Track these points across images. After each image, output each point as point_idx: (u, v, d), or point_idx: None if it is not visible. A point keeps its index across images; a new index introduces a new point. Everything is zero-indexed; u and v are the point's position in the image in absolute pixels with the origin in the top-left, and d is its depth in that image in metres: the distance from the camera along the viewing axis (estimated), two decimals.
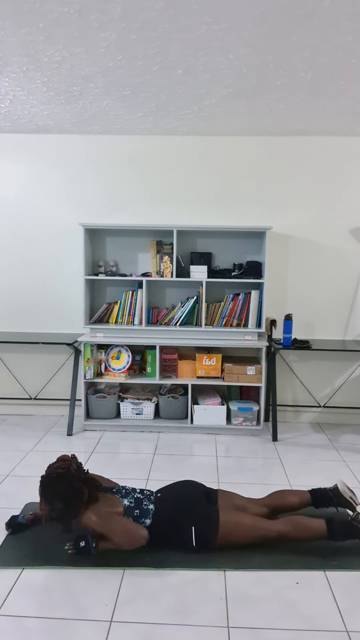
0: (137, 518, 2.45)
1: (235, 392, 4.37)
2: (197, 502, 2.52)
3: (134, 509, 2.48)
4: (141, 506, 2.50)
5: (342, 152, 4.25)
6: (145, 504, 2.51)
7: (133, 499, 2.52)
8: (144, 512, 2.47)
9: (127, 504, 2.49)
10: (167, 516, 2.47)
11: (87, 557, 2.38)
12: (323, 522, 2.45)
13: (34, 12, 2.30)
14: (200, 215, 4.35)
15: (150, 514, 2.47)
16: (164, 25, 2.40)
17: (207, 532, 2.41)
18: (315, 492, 2.70)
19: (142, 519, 2.45)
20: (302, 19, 2.32)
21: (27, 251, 4.46)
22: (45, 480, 2.44)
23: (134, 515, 2.45)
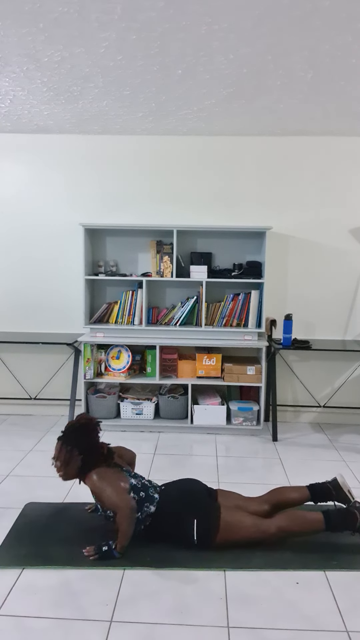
0: (142, 501, 2.47)
1: (235, 392, 4.37)
2: (200, 497, 2.54)
3: (140, 489, 2.50)
4: (147, 491, 2.51)
5: (342, 152, 4.25)
6: (152, 492, 2.53)
7: (140, 482, 2.55)
8: (150, 498, 2.49)
9: (134, 482, 2.52)
10: (170, 509, 2.49)
11: (111, 560, 2.37)
12: (320, 513, 2.46)
13: (34, 12, 2.30)
14: (200, 215, 4.35)
15: (155, 502, 2.49)
16: (164, 25, 2.40)
17: (208, 527, 2.42)
18: (314, 487, 2.70)
19: (146, 504, 2.47)
20: (302, 19, 2.32)
21: (27, 251, 4.46)
22: (69, 429, 2.50)
23: (139, 495, 2.47)
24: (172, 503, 2.51)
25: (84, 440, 2.50)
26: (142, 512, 2.46)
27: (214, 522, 2.43)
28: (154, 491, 2.55)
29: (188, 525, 2.43)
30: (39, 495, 3.05)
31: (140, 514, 2.45)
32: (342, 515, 2.46)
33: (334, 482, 2.68)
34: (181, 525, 2.45)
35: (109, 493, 2.40)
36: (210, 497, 2.57)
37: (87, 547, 2.42)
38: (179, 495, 2.54)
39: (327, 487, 2.66)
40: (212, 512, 2.46)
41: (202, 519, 2.44)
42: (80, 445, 2.48)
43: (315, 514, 2.47)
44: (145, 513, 2.47)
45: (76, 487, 3.16)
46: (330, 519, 2.45)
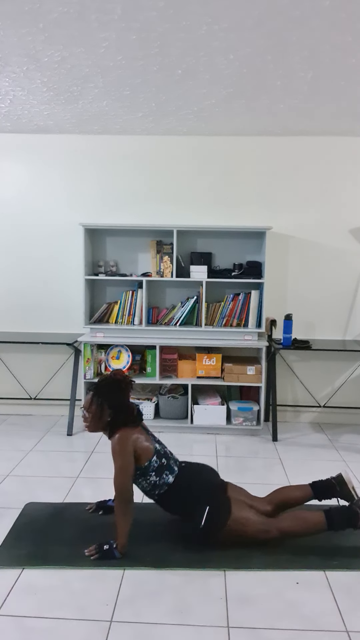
0: (162, 468, 2.48)
1: (235, 392, 4.37)
2: (216, 486, 2.56)
3: (162, 456, 2.51)
4: (169, 461, 2.53)
5: (342, 152, 4.25)
6: (172, 463, 2.54)
7: (163, 450, 2.57)
8: (170, 467, 2.51)
9: (159, 448, 2.54)
10: (186, 487, 2.50)
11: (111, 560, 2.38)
12: (322, 514, 2.46)
13: (34, 12, 2.30)
14: (200, 215, 4.35)
15: (174, 474, 2.50)
16: (164, 25, 2.40)
17: (218, 517, 2.42)
18: (317, 484, 2.69)
19: (165, 472, 2.48)
20: (302, 19, 2.32)
21: (27, 251, 4.46)
22: (102, 382, 2.50)
23: (160, 461, 2.48)
24: (190, 483, 2.52)
25: (116, 396, 2.48)
26: (160, 479, 2.47)
27: (224, 514, 2.43)
28: (174, 464, 2.56)
29: (199, 510, 2.43)
30: (39, 495, 3.05)
31: (158, 479, 2.46)
32: (344, 514, 2.46)
33: (339, 477, 2.66)
34: (192, 508, 2.45)
35: (117, 468, 2.39)
36: (222, 490, 2.57)
37: (90, 547, 2.42)
38: (198, 479, 2.55)
39: (331, 483, 2.64)
40: (224, 504, 2.46)
41: (214, 509, 2.44)
42: (111, 400, 2.46)
43: (317, 514, 2.46)
44: (163, 480, 2.47)
45: (76, 487, 3.16)
46: (332, 518, 2.44)
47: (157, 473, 2.47)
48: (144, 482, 2.49)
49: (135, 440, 2.45)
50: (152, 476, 2.47)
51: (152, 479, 2.47)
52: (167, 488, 2.49)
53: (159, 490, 2.49)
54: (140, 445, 2.46)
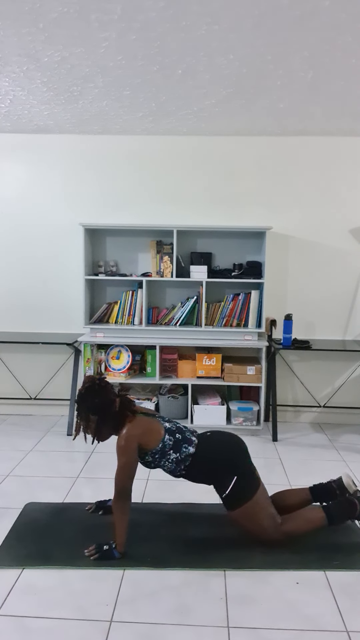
0: (179, 442, 2.47)
1: (235, 392, 4.37)
2: (247, 461, 2.53)
3: (175, 432, 2.50)
4: (184, 434, 2.51)
5: (342, 152, 4.25)
6: (189, 435, 2.53)
7: (175, 426, 2.55)
8: (187, 439, 2.49)
9: (169, 426, 2.52)
10: (211, 454, 2.49)
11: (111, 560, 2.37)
12: (321, 510, 2.48)
13: (34, 12, 2.30)
14: (200, 215, 4.35)
15: (193, 444, 2.48)
16: (164, 25, 2.40)
17: (243, 492, 2.42)
18: (316, 488, 2.69)
19: (184, 445, 2.47)
20: (302, 19, 2.32)
21: (27, 251, 4.46)
22: (77, 399, 2.51)
23: (175, 437, 2.47)
24: (215, 450, 2.51)
25: (95, 402, 2.46)
26: (181, 453, 2.46)
27: (249, 490, 2.43)
28: (191, 435, 2.55)
29: (226, 478, 2.43)
30: (39, 495, 3.05)
31: (178, 454, 2.45)
32: (341, 507, 2.47)
33: (339, 481, 2.66)
34: (219, 475, 2.45)
35: (120, 465, 2.39)
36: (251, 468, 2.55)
37: (89, 547, 2.42)
38: (225, 448, 2.53)
39: (331, 487, 2.65)
40: (251, 480, 2.46)
41: (241, 481, 2.44)
42: (93, 408, 2.45)
43: (317, 511, 2.49)
44: (184, 454, 2.46)
45: (76, 487, 3.16)
46: (332, 513, 2.46)
47: (175, 449, 2.46)
48: (166, 462, 2.48)
49: (141, 435, 2.44)
50: (172, 454, 2.46)
51: (173, 456, 2.46)
52: (190, 459, 2.47)
53: (183, 464, 2.47)
54: (148, 433, 2.45)
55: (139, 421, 2.48)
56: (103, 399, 2.46)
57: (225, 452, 2.52)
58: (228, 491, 2.43)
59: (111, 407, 2.45)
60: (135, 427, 2.44)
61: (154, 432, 2.47)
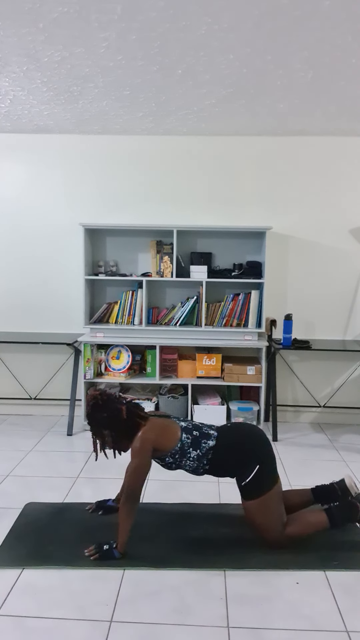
0: (197, 439, 2.46)
1: (235, 392, 4.37)
2: (271, 451, 2.53)
3: (192, 430, 2.49)
4: (201, 430, 2.51)
5: (342, 152, 4.25)
6: (206, 430, 2.52)
7: (191, 424, 2.55)
8: (205, 435, 2.49)
9: (185, 425, 2.52)
10: (232, 444, 2.49)
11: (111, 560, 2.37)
12: (323, 513, 2.49)
13: (34, 12, 2.31)
14: (200, 215, 4.35)
15: (212, 437, 2.48)
16: (164, 25, 2.40)
17: (263, 482, 2.42)
18: (318, 489, 2.69)
19: (202, 440, 2.46)
20: (302, 19, 2.32)
21: (27, 251, 4.46)
22: (87, 420, 2.51)
23: (192, 434, 2.47)
24: (237, 440, 2.51)
25: (103, 416, 2.46)
26: (201, 449, 2.45)
27: (269, 482, 2.43)
28: (209, 429, 2.54)
29: (248, 466, 2.43)
30: (39, 495, 3.05)
31: (198, 451, 2.45)
32: (343, 509, 2.48)
33: (341, 483, 2.67)
34: (241, 463, 2.44)
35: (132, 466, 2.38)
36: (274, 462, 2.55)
37: (89, 547, 2.42)
38: (248, 439, 2.53)
39: (333, 488, 2.65)
40: (273, 473, 2.47)
41: (263, 471, 2.43)
42: (103, 423, 2.46)
43: (319, 514, 2.49)
44: (204, 448, 2.45)
45: (76, 487, 3.16)
46: (334, 516, 2.46)
47: (194, 447, 2.45)
48: (188, 461, 2.47)
49: (157, 437, 2.43)
50: (192, 452, 2.45)
51: (193, 454, 2.45)
52: (212, 452, 2.46)
53: (205, 459, 2.46)
54: (164, 434, 2.45)
55: (154, 423, 2.49)
56: (110, 412, 2.46)
57: (247, 441, 2.52)
58: (249, 479, 2.42)
59: (120, 417, 2.45)
60: (151, 430, 2.44)
61: (170, 432, 2.47)
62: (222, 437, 2.51)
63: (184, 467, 2.51)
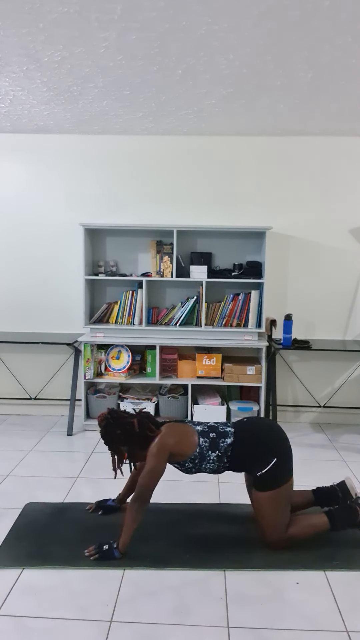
0: (215, 440, 2.46)
1: (235, 392, 4.37)
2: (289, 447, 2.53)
3: (208, 432, 2.49)
4: (217, 430, 2.51)
5: (342, 152, 4.25)
6: (222, 428, 2.52)
7: (207, 426, 2.55)
8: (222, 434, 2.49)
9: (200, 429, 2.52)
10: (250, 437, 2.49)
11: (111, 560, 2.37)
12: (324, 515, 2.49)
13: (34, 12, 2.30)
14: (200, 215, 4.35)
15: (230, 435, 2.48)
16: (164, 25, 2.40)
17: (278, 475, 2.43)
18: (320, 490, 2.70)
19: (220, 440, 2.46)
20: (302, 19, 2.32)
21: (27, 251, 4.46)
22: (103, 440, 2.51)
23: (209, 437, 2.47)
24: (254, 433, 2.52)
25: (118, 433, 2.46)
26: (220, 449, 2.45)
27: (284, 476, 2.44)
28: (225, 426, 2.55)
29: (266, 458, 2.43)
30: (39, 495, 3.05)
31: (217, 451, 2.45)
32: (344, 513, 2.49)
33: (342, 484, 2.68)
34: (260, 454, 2.44)
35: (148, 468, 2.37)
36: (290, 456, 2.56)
37: (89, 547, 2.42)
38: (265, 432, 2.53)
39: (334, 490, 2.66)
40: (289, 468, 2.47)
41: (280, 464, 2.43)
42: (119, 440, 2.46)
43: (320, 516, 2.50)
44: (223, 448, 2.46)
45: (76, 487, 3.16)
46: (334, 519, 2.47)
47: (212, 448, 2.45)
48: (208, 464, 2.47)
49: (175, 443, 2.43)
50: (211, 454, 2.45)
51: (213, 456, 2.45)
52: (231, 449, 2.46)
53: (225, 457, 2.47)
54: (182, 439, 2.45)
55: (171, 428, 2.49)
56: (122, 428, 2.46)
57: (266, 433, 2.52)
58: (265, 471, 2.41)
59: (132, 430, 2.45)
60: (168, 435, 2.45)
61: (188, 437, 2.47)
62: (240, 432, 2.51)
63: (205, 470, 2.51)
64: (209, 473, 2.53)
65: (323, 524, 2.47)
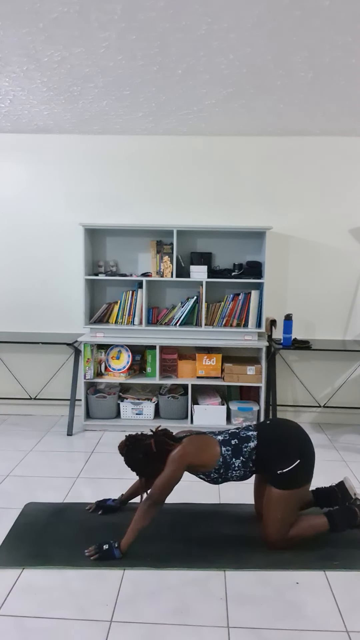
0: (237, 447, 2.46)
1: (235, 392, 4.37)
2: (313, 451, 2.54)
3: (229, 440, 2.49)
4: (239, 436, 2.51)
5: (342, 152, 4.25)
6: (244, 433, 2.52)
7: (228, 434, 2.55)
8: (244, 438, 2.49)
9: (221, 438, 2.51)
10: (273, 439, 2.50)
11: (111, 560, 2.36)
12: (323, 516, 2.49)
13: (34, 12, 2.30)
14: (200, 215, 4.35)
15: (252, 438, 2.48)
16: (164, 25, 2.40)
17: (299, 477, 2.43)
18: (319, 491, 2.70)
19: (243, 445, 2.46)
20: (302, 19, 2.32)
21: (27, 251, 4.46)
22: (129, 466, 2.53)
23: (231, 445, 2.47)
24: (282, 430, 2.54)
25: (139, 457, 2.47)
26: (243, 454, 2.45)
27: (303, 479, 2.45)
28: (247, 431, 2.54)
29: (290, 458, 2.42)
30: (39, 495, 3.05)
31: (241, 457, 2.45)
32: (344, 514, 2.49)
33: (341, 485, 2.68)
34: (284, 453, 2.44)
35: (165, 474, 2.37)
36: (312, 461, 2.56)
37: (89, 547, 2.42)
38: (289, 433, 2.54)
39: (333, 491, 2.66)
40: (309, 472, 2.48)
41: (302, 467, 2.43)
42: (142, 463, 2.48)
43: (319, 517, 2.50)
44: (247, 453, 2.45)
45: (76, 487, 3.16)
46: (334, 520, 2.47)
47: (236, 455, 2.45)
48: (233, 472, 2.47)
49: (196, 453, 2.44)
50: (235, 461, 2.45)
51: (237, 463, 2.45)
52: (255, 452, 2.46)
53: (250, 461, 2.46)
54: (203, 449, 2.46)
55: (192, 440, 2.50)
56: (142, 451, 2.46)
57: (293, 434, 2.53)
58: (286, 470, 2.41)
59: (151, 450, 2.46)
60: (190, 445, 2.46)
61: (210, 448, 2.47)
62: (263, 434, 2.51)
63: (231, 479, 2.51)
64: (236, 481, 2.52)
65: (322, 525, 2.48)
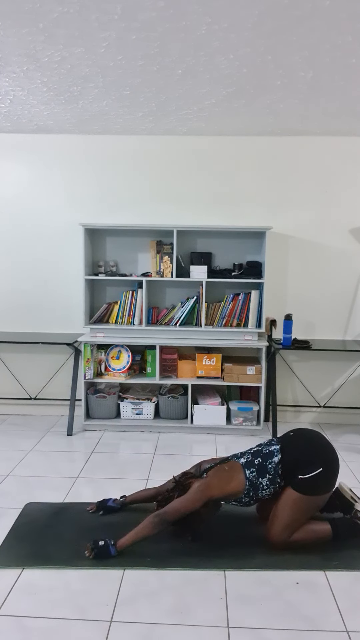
0: (262, 466, 2.47)
1: (235, 392, 4.37)
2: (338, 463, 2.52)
3: (252, 462, 2.50)
4: (261, 453, 2.52)
5: (342, 152, 4.25)
6: (266, 449, 2.53)
7: (250, 453, 2.56)
8: (268, 455, 2.50)
9: (244, 460, 2.52)
10: (296, 448, 2.51)
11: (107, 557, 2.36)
12: (327, 524, 2.50)
13: (34, 12, 2.30)
14: (200, 215, 4.35)
15: (276, 453, 2.49)
16: (164, 25, 2.40)
17: (318, 485, 2.43)
18: None
19: (267, 462, 2.47)
20: (302, 19, 2.32)
21: (27, 251, 4.46)
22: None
23: (255, 465, 2.48)
24: (307, 441, 2.54)
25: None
26: (269, 470, 2.46)
27: (323, 488, 2.45)
28: (269, 446, 2.55)
29: (312, 465, 2.42)
30: (39, 495, 3.05)
31: (268, 475, 2.45)
32: (348, 525, 2.51)
33: (337, 492, 2.68)
34: (306, 460, 2.44)
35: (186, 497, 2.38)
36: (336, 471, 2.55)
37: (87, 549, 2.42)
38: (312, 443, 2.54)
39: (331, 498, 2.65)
40: (332, 483, 2.47)
41: (323, 476, 2.43)
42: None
43: (323, 524, 2.51)
44: (272, 469, 2.46)
45: (76, 487, 3.16)
46: (338, 529, 2.49)
47: (262, 475, 2.46)
48: (262, 491, 2.48)
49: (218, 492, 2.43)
50: (262, 480, 2.46)
51: (265, 482, 2.46)
52: (281, 465, 2.46)
53: (277, 477, 2.46)
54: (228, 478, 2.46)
55: (217, 473, 2.49)
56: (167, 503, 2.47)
57: (317, 444, 2.54)
58: (307, 476, 2.41)
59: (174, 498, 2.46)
60: (214, 477, 2.47)
61: (235, 476, 2.47)
62: (286, 446, 2.52)
63: (263, 497, 2.51)
64: (268, 498, 2.52)
65: (326, 532, 2.48)
